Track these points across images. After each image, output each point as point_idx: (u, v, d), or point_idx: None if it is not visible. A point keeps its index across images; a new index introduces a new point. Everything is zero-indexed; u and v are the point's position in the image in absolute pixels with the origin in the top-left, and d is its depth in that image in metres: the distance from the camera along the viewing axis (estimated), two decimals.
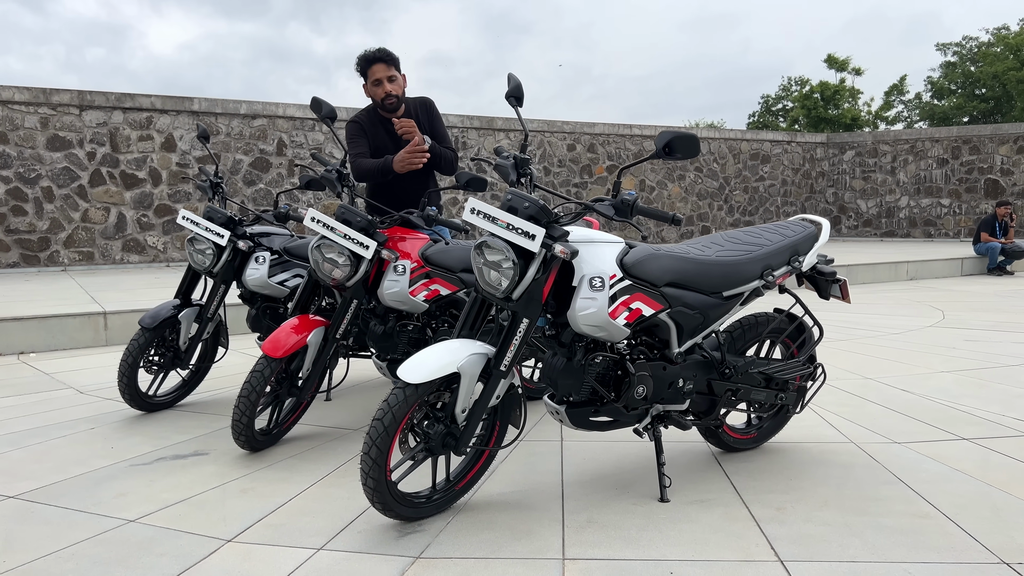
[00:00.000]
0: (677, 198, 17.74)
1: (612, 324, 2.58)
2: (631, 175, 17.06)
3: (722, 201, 18.40)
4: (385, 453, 2.46)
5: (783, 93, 43.79)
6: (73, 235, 11.86)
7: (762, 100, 45.52)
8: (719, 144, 18.30)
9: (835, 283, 3.25)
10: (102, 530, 2.64)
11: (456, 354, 2.53)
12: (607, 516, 2.69)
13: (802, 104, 38.48)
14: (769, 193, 19.16)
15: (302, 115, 13.41)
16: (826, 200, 20.08)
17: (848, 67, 38.78)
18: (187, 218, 4.12)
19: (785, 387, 3.22)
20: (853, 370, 5.01)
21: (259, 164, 13.12)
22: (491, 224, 2.51)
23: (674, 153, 2.40)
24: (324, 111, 3.60)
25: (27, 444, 3.66)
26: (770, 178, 19.15)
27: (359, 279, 3.41)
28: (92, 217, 11.97)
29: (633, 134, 17.08)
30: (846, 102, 38.45)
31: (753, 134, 19.07)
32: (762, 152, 18.96)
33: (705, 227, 18.17)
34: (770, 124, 44.14)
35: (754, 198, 18.89)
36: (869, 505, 2.75)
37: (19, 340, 6.27)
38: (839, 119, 37.14)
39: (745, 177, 18.75)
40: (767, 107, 45.09)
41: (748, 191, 18.82)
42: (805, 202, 19.76)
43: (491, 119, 15.37)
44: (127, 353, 3.98)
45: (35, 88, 11.53)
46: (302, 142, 13.45)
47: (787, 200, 19.45)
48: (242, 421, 3.27)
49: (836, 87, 37.81)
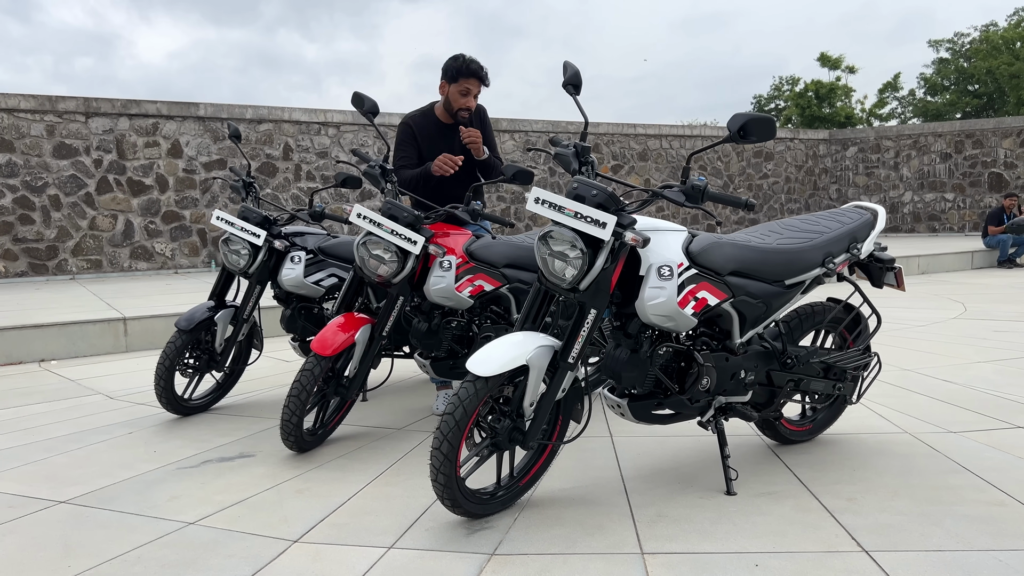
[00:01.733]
0: None
1: (681, 314, 2.53)
2: (636, 174, 17.03)
3: None
4: (456, 448, 2.41)
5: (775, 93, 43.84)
6: (81, 243, 11.79)
7: (754, 100, 45.58)
8: None
9: (890, 271, 3.21)
10: (163, 533, 2.58)
11: (523, 347, 2.48)
12: (676, 510, 2.64)
13: (796, 103, 38.50)
14: (773, 190, 19.16)
15: (307, 119, 13.36)
16: (829, 197, 20.08)
17: (841, 65, 38.84)
18: (221, 218, 4.06)
19: (843, 377, 3.17)
20: (890, 361, 4.98)
21: (265, 169, 13.06)
22: (558, 213, 2.46)
23: (749, 136, 2.35)
24: (366, 106, 3.56)
25: (68, 449, 3.60)
26: (774, 175, 19.14)
27: (406, 275, 3.36)
28: (100, 225, 11.90)
29: (637, 133, 17.06)
30: (840, 100, 38.48)
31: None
32: (765, 149, 18.95)
33: (710, 226, 18.14)
34: None
35: (758, 195, 18.88)
36: (941, 494, 2.71)
37: (40, 347, 6.21)
38: (833, 117, 37.15)
39: (749, 175, 18.74)
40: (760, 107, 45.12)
41: (752, 189, 18.81)
42: (808, 199, 19.75)
43: (496, 120, 15.32)
44: (163, 356, 3.93)
45: (40, 96, 11.46)
46: (308, 146, 13.39)
47: (791, 197, 19.45)
48: (292, 421, 3.22)
49: (830, 85, 37.84)
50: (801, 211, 19.66)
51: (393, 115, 14.16)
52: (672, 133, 17.58)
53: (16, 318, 6.57)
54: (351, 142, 13.73)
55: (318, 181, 13.46)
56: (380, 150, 13.74)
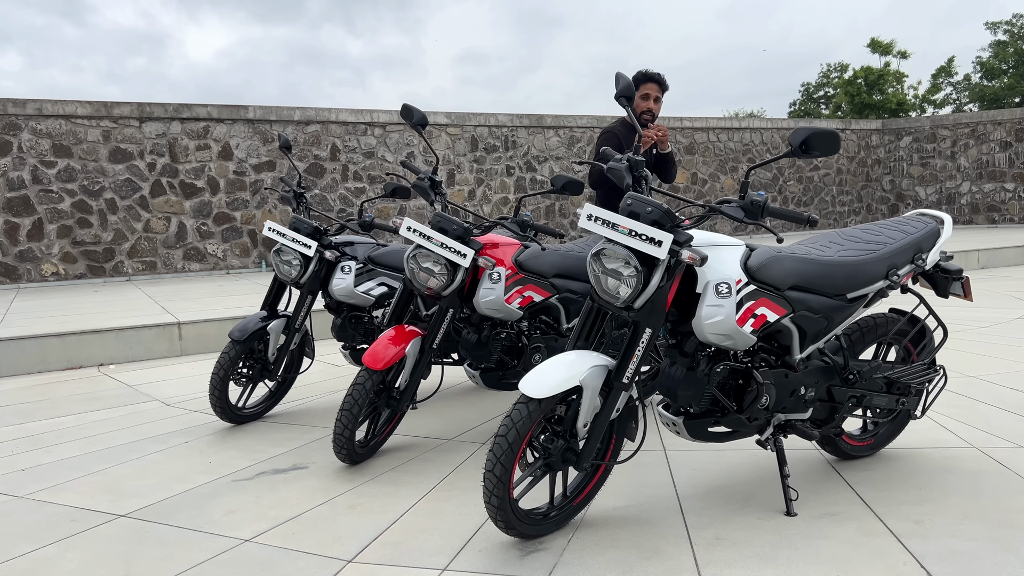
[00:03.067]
0: (730, 190, 17.44)
1: (739, 332, 2.47)
2: (683, 168, 16.80)
3: (776, 192, 18.03)
4: (509, 470, 2.38)
5: (823, 80, 42.91)
6: (136, 245, 12.05)
7: (803, 88, 44.70)
8: (771, 134, 17.95)
9: (957, 280, 3.09)
10: (220, 550, 2.61)
11: (577, 367, 2.44)
12: (735, 532, 2.58)
13: (845, 90, 37.61)
14: (824, 183, 18.74)
15: (354, 120, 13.45)
16: (883, 188, 19.57)
17: (892, 50, 37.83)
18: (273, 229, 4.09)
19: (907, 391, 3.06)
20: (953, 367, 4.81)
21: (313, 170, 13.20)
22: (612, 231, 2.41)
23: (811, 151, 2.27)
24: (416, 118, 3.54)
25: (127, 459, 3.67)
26: (825, 167, 18.72)
27: (455, 287, 3.34)
28: (154, 227, 12.16)
29: (684, 127, 16.83)
30: (891, 87, 37.48)
31: (806, 123, 18.66)
32: None
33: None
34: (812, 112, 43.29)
35: (808, 188, 18.49)
36: (1014, 517, 2.59)
37: (98, 352, 6.36)
38: (884, 104, 36.21)
39: (799, 167, 18.35)
40: (808, 95, 44.23)
41: (802, 181, 18.42)
42: (861, 191, 19.28)
43: (540, 116, 15.26)
44: (218, 366, 3.98)
45: (96, 102, 11.73)
46: (355, 147, 13.50)
47: (842, 189, 19.00)
48: (344, 435, 3.23)
49: (880, 71, 36.87)
50: (853, 203, 19.21)
51: (438, 113, 14.19)
52: (720, 126, 17.29)
53: (75, 323, 6.74)
54: (397, 142, 13.80)
55: (364, 181, 13.56)
56: (429, 160, 13.79)
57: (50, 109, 11.44)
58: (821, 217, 18.65)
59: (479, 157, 14.53)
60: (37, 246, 11.46)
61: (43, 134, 11.43)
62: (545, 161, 15.24)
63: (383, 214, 13.86)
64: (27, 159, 11.34)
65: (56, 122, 11.50)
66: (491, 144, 14.75)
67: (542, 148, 15.25)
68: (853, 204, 19.21)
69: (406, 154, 13.93)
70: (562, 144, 15.45)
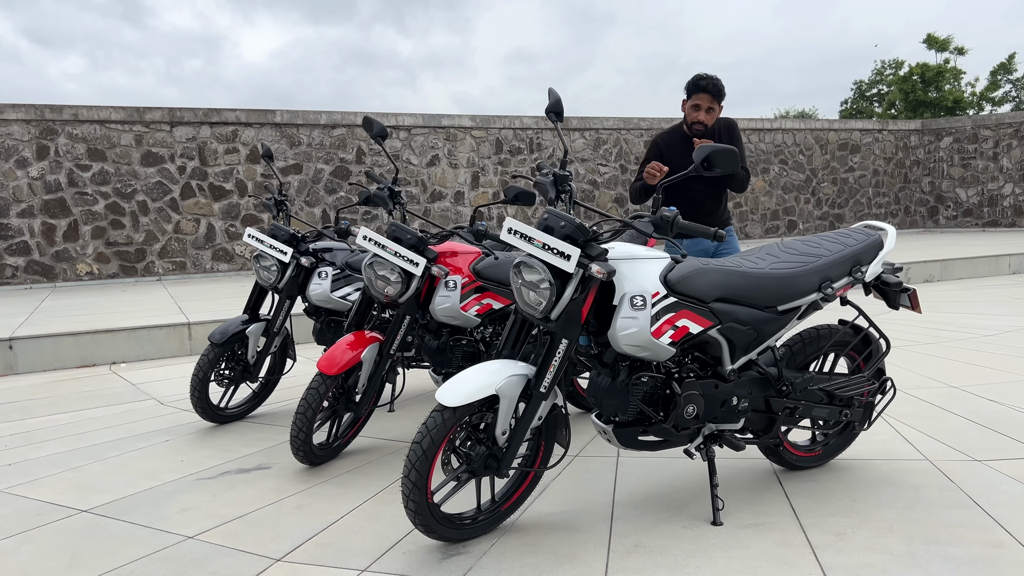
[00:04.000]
0: (761, 192, 17.24)
1: (655, 343, 2.51)
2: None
3: (809, 194, 17.77)
4: (425, 476, 2.46)
5: (877, 77, 42.01)
6: (167, 246, 12.42)
7: (855, 86, 43.83)
8: (804, 135, 17.69)
9: (903, 293, 3.08)
10: (162, 546, 2.73)
11: (495, 376, 2.51)
12: (655, 540, 2.62)
13: (899, 88, 36.74)
14: (860, 184, 18.40)
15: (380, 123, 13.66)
16: (922, 190, 19.14)
17: (950, 46, 36.84)
18: (252, 236, 4.24)
19: (850, 403, 3.06)
20: (937, 377, 4.74)
21: (339, 172, 13.44)
22: (527, 244, 2.48)
23: (713, 167, 2.31)
24: (375, 130, 3.65)
25: (106, 456, 3.84)
26: (860, 169, 18.38)
27: (410, 295, 3.43)
28: (184, 228, 12.52)
29: None
30: (948, 84, 36.49)
31: (841, 123, 18.35)
32: (851, 142, 18.21)
33: (791, 221, 17.60)
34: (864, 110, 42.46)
35: (843, 190, 18.17)
36: (939, 532, 2.59)
37: (111, 351, 6.61)
38: (940, 102, 35.27)
39: (834, 168, 18.05)
40: (860, 93, 43.37)
41: (837, 183, 18.12)
42: (899, 192, 18.88)
43: (566, 119, 15.29)
44: (198, 368, 4.13)
45: (129, 107, 12.12)
46: (380, 150, 13.70)
47: (879, 191, 18.63)
48: (299, 437, 3.34)
49: (937, 68, 35.93)
50: (890, 205, 18.82)
51: (463, 116, 14.31)
52: (751, 127, 17.11)
53: (92, 322, 7.01)
54: (421, 145, 13.97)
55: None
56: (454, 163, 13.92)
57: (85, 114, 11.86)
58: (856, 220, 18.31)
59: (503, 159, 14.63)
60: (72, 246, 11.89)
61: (79, 138, 11.85)
62: (570, 163, 15.25)
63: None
64: (63, 162, 11.78)
65: (91, 127, 11.92)
66: (516, 147, 14.82)
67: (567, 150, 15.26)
68: (890, 206, 18.83)
69: (430, 156, 14.09)
70: (588, 146, 15.45)
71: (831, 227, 18.03)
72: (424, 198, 14.03)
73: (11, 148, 11.51)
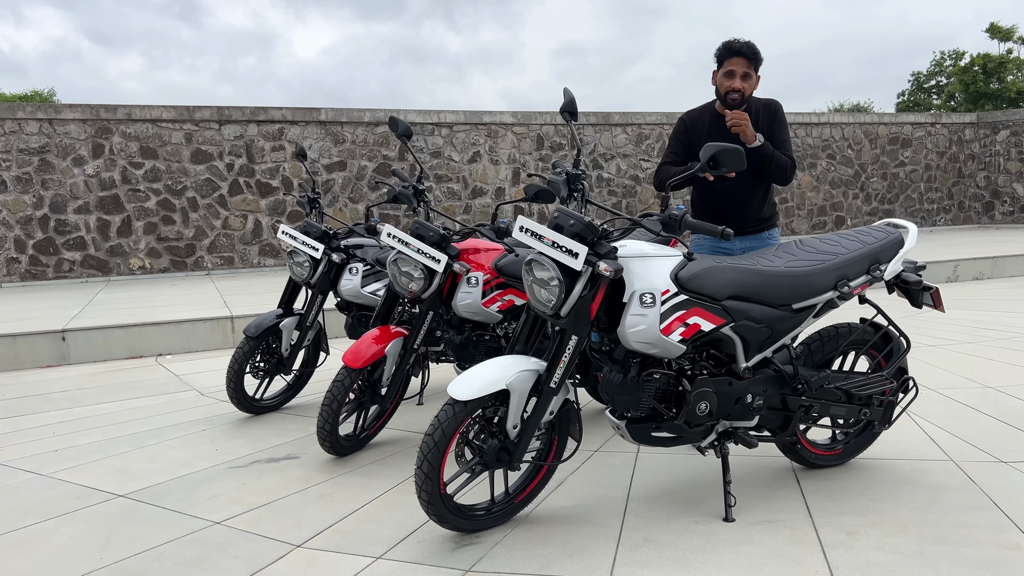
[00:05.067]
0: (808, 187, 16.95)
1: (664, 340, 2.53)
2: None
3: (858, 189, 17.41)
4: (437, 467, 2.53)
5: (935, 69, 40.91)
6: (215, 241, 12.75)
7: (912, 77, 42.76)
8: (853, 129, 17.33)
9: (926, 291, 3.04)
10: (190, 531, 2.86)
11: (506, 371, 2.56)
12: (665, 535, 2.65)
13: (959, 79, 35.70)
14: (911, 179, 17.96)
15: (422, 120, 13.80)
16: (976, 184, 18.59)
17: (1014, 36, 35.68)
18: (286, 232, 4.36)
19: (869, 402, 3.04)
20: (973, 377, 4.65)
21: (382, 169, 13.62)
22: (538, 242, 2.52)
23: (720, 166, 2.33)
24: (400, 129, 3.72)
25: (146, 444, 4.00)
26: (912, 163, 17.94)
27: (433, 291, 3.51)
28: (231, 224, 12.83)
29: None
30: (1011, 74, 35.32)
31: (892, 117, 17.93)
32: (902, 136, 17.78)
33: (839, 217, 17.26)
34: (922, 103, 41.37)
35: (893, 185, 17.76)
36: (953, 532, 2.57)
37: (158, 343, 6.84)
38: (1002, 93, 34.16)
39: (883, 163, 17.65)
40: (918, 84, 42.29)
41: (887, 178, 17.71)
42: (952, 187, 18.38)
43: (607, 114, 15.25)
44: (233, 360, 4.27)
45: (180, 106, 12.46)
46: (422, 147, 13.84)
47: (931, 186, 18.16)
48: (325, 428, 3.44)
49: (1000, 58, 34.81)
50: (943, 200, 18.33)
51: (504, 113, 14.37)
52: (797, 121, 16.82)
53: (140, 315, 7.26)
54: (463, 142, 14.07)
55: (431, 180, 13.89)
56: (496, 159, 13.99)
57: (138, 114, 12.23)
58: (907, 216, 17.90)
59: (545, 155, 14.65)
60: (125, 242, 12.28)
61: (132, 137, 12.23)
62: (612, 159, 15.22)
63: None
64: (117, 160, 12.16)
65: (143, 125, 12.28)
66: (557, 142, 14.84)
67: (609, 146, 15.23)
68: (943, 202, 18.34)
69: (472, 153, 14.19)
70: (630, 141, 15.38)
71: None
72: (465, 194, 14.13)
73: (68, 147, 11.93)
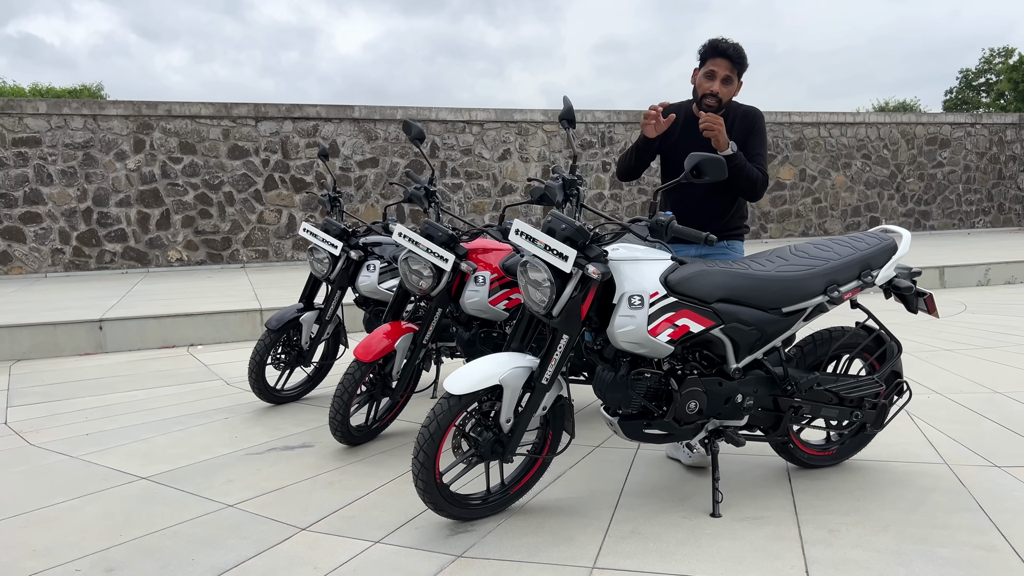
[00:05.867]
0: (842, 187, 16.79)
1: (652, 341, 2.63)
2: (790, 164, 16.33)
3: (893, 190, 17.19)
4: (432, 457, 2.66)
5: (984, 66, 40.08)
6: (251, 235, 13.06)
7: (960, 75, 41.93)
8: (889, 129, 17.11)
9: (919, 297, 3.10)
10: (204, 512, 3.03)
11: (501, 367, 2.69)
12: (652, 528, 2.75)
13: (1008, 77, 34.90)
14: (949, 180, 17.67)
15: (453, 118, 13.97)
16: (1017, 186, 18.23)
17: None
18: (307, 230, 4.54)
19: (860, 405, 3.11)
20: (984, 382, 4.66)
21: (414, 166, 13.81)
22: (531, 245, 2.64)
23: (703, 175, 2.42)
24: (413, 132, 3.86)
25: (171, 431, 4.20)
26: (950, 164, 17.65)
27: (441, 289, 3.64)
28: (266, 218, 13.13)
29: (792, 122, 16.34)
30: None
31: (930, 117, 17.66)
32: (940, 136, 17.50)
33: (874, 218, 17.07)
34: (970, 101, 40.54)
35: (931, 186, 17.50)
36: (933, 533, 2.63)
37: (190, 333, 7.08)
38: None
39: (920, 164, 17.40)
40: (967, 82, 41.47)
41: (924, 179, 17.46)
42: (992, 189, 18.04)
43: (638, 113, 15.25)
44: (255, 352, 4.46)
45: (218, 103, 12.79)
46: (453, 144, 14.01)
47: (970, 187, 17.85)
48: (336, 419, 3.60)
49: None
50: (982, 202, 18.01)
51: (535, 111, 14.47)
52: (832, 120, 16.66)
53: (174, 306, 7.53)
54: (494, 140, 14.21)
55: (462, 177, 14.06)
56: (526, 156, 14.10)
57: (178, 110, 12.57)
58: (944, 218, 17.63)
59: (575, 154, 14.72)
60: (164, 234, 12.64)
61: (171, 133, 12.58)
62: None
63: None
64: (157, 155, 12.52)
65: (183, 122, 12.63)
66: (587, 140, 14.90)
67: None
68: (982, 203, 18.03)
69: (502, 151, 14.32)
70: None
71: (916, 224, 17.41)
72: (495, 192, 14.27)
73: (111, 142, 12.31)
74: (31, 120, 11.93)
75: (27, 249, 12.01)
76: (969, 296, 8.60)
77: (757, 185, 3.27)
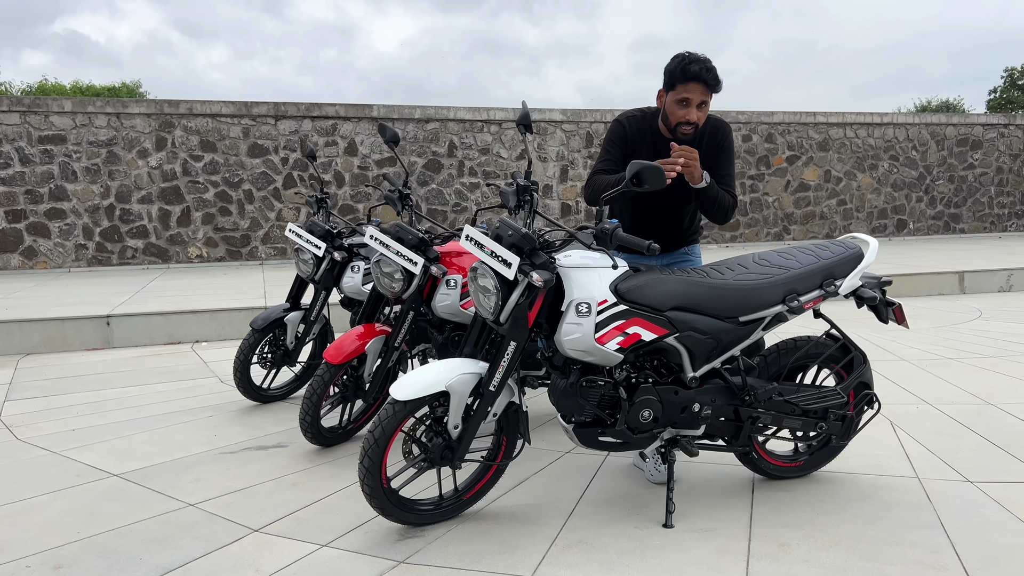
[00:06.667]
0: (868, 189, 16.50)
1: (600, 349, 2.61)
2: (815, 165, 16.09)
3: (922, 192, 16.85)
4: (378, 462, 2.66)
5: None
6: (269, 232, 13.21)
7: (1006, 73, 40.98)
8: (918, 130, 16.77)
9: (888, 307, 3.03)
10: (164, 511, 3.07)
11: (449, 373, 2.68)
12: (600, 538, 2.73)
13: None
14: (980, 183, 17.28)
15: (471, 118, 13.98)
16: None
17: None
18: (292, 230, 4.57)
19: (824, 416, 3.05)
20: (978, 393, 4.55)
21: (432, 165, 13.86)
22: (479, 251, 2.63)
23: (643, 183, 2.39)
24: (388, 135, 3.86)
25: (154, 428, 4.26)
26: (982, 166, 17.25)
27: (412, 292, 3.64)
28: (285, 216, 13.26)
29: (817, 122, 16.09)
30: None
31: (961, 118, 17.28)
32: (972, 137, 17.12)
33: (901, 220, 16.75)
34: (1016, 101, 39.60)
35: (961, 188, 17.12)
36: (884, 550, 2.57)
37: (195, 330, 7.18)
38: None
39: (951, 165, 17.03)
40: (1012, 81, 40.52)
41: (954, 181, 17.09)
42: None
43: None
44: (240, 351, 4.50)
45: (238, 102, 12.94)
46: (471, 143, 14.03)
47: (1002, 190, 17.44)
48: (306, 419, 3.62)
49: None
50: (1015, 205, 17.58)
51: (554, 111, 14.43)
52: (858, 121, 16.38)
53: (181, 303, 7.64)
54: (512, 139, 14.20)
55: (479, 176, 14.07)
56: (544, 157, 14.05)
57: (199, 109, 12.75)
58: (975, 220, 17.24)
59: (593, 153, 14.66)
60: (185, 231, 12.83)
61: (192, 131, 12.76)
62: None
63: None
64: (179, 153, 12.72)
65: (204, 120, 12.80)
66: None
67: None
68: (1015, 206, 17.60)
69: (520, 150, 14.30)
70: None
71: (945, 228, 17.05)
72: None
73: (134, 140, 12.53)
74: (56, 118, 12.19)
75: (51, 244, 12.27)
76: (987, 303, 8.40)
77: (728, 212, 3.17)
